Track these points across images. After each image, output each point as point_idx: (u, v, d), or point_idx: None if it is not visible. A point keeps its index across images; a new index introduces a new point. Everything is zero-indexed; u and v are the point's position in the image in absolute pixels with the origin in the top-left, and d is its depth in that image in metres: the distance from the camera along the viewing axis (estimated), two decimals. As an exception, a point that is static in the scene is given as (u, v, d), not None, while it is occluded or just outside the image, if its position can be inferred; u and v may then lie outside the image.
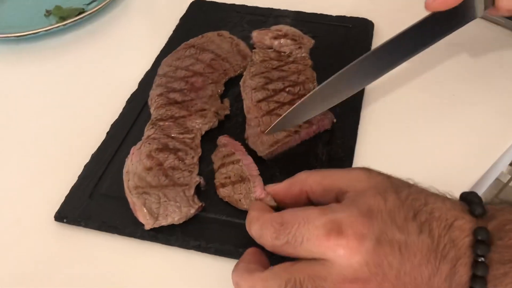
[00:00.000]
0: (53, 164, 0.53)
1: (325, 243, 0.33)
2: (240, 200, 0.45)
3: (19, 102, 0.61)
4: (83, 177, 0.50)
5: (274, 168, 0.49)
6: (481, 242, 0.32)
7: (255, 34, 0.61)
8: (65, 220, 0.47)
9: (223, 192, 0.46)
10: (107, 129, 0.54)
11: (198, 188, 0.47)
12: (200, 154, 0.50)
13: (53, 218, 0.47)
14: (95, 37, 0.69)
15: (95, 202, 0.47)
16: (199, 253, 0.44)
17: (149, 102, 0.55)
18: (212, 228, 0.45)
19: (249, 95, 0.54)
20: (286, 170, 0.48)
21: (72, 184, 0.49)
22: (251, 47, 0.62)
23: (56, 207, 0.47)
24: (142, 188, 0.45)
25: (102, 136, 0.54)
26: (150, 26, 0.72)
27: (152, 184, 0.46)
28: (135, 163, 0.48)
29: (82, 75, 0.64)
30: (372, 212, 0.34)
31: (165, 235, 0.45)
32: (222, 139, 0.50)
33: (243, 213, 0.44)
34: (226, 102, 0.55)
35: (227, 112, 0.54)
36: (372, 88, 0.55)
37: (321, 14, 0.68)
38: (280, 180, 0.43)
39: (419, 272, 0.32)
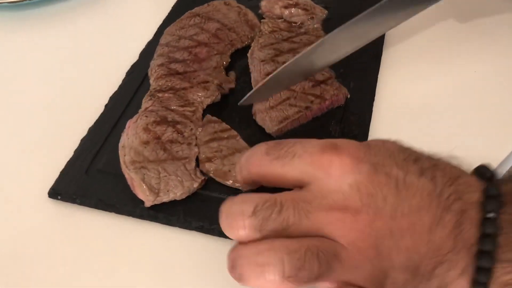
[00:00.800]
0: (47, 137, 0.50)
1: (317, 158, 0.30)
2: (229, 171, 0.42)
3: (12, 72, 0.58)
4: (79, 152, 0.47)
5: (283, 145, 0.46)
6: (491, 197, 0.29)
7: (264, 3, 0.57)
8: (59, 197, 0.44)
9: (208, 166, 0.43)
10: (106, 102, 0.51)
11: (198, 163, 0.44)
12: (200, 126, 0.47)
13: (47, 195, 0.44)
14: (95, 5, 0.65)
15: (92, 179, 0.44)
16: (202, 234, 0.41)
17: (149, 73, 0.52)
18: (216, 208, 0.41)
19: (258, 67, 0.50)
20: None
21: (68, 159, 0.46)
22: (260, 17, 0.58)
23: (50, 183, 0.45)
24: (140, 163, 0.43)
25: (100, 109, 0.51)
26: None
27: (150, 158, 0.43)
28: (131, 137, 0.45)
29: (80, 44, 0.61)
30: (369, 144, 0.31)
31: (165, 214, 0.42)
32: (210, 117, 0.47)
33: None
34: (232, 75, 0.52)
35: (232, 85, 0.51)
36: (389, 61, 0.51)
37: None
38: None
39: (418, 217, 0.29)
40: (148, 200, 0.41)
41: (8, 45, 0.61)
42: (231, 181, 0.42)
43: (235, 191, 0.42)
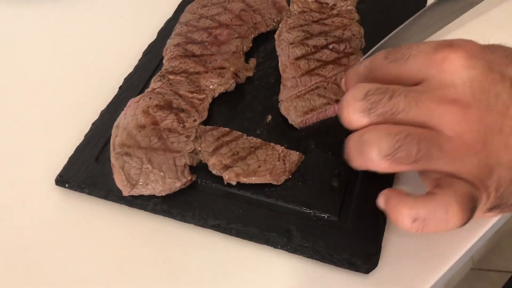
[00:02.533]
0: (57, 120, 0.47)
1: (432, 56, 0.30)
2: (259, 167, 0.39)
3: (21, 49, 0.55)
4: (90, 137, 0.44)
5: (308, 140, 0.42)
6: None
7: (294, -20, 0.53)
8: (67, 185, 0.41)
9: (233, 173, 0.39)
10: (120, 83, 0.48)
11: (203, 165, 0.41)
12: (204, 119, 0.43)
13: (54, 182, 0.41)
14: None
15: (102, 167, 0.41)
16: (218, 233, 0.38)
17: (164, 52, 0.49)
18: (234, 206, 0.38)
19: (286, 50, 0.46)
20: (322, 143, 0.42)
21: (77, 145, 0.43)
22: (289, -4, 0.54)
23: (58, 170, 0.42)
24: (128, 147, 0.40)
25: (114, 91, 0.47)
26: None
27: (141, 144, 0.40)
28: (128, 118, 0.42)
29: (94, 22, 0.57)
30: (487, 44, 0.31)
31: (180, 210, 0.39)
32: (203, 127, 0.43)
33: (273, 191, 0.39)
34: (252, 62, 0.48)
35: (250, 74, 0.47)
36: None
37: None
38: (315, 152, 0.40)
39: None
40: (125, 189, 0.38)
41: (19, 21, 0.58)
42: (265, 177, 0.39)
43: (257, 189, 0.39)
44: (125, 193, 0.39)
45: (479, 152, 0.29)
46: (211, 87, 0.45)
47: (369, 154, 0.30)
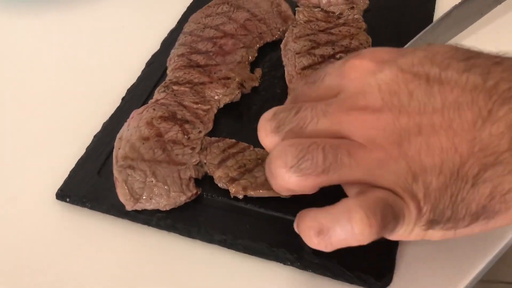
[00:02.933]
0: (58, 133, 0.46)
1: (341, 68, 0.30)
2: (266, 180, 0.37)
3: (23, 59, 0.54)
4: (92, 150, 0.42)
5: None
6: None
7: (299, -10, 0.52)
8: (68, 200, 0.40)
9: (240, 186, 0.37)
10: (123, 95, 0.47)
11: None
12: (209, 130, 0.42)
13: (54, 196, 0.40)
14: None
15: (104, 180, 0.40)
16: (225, 249, 0.37)
17: (168, 62, 0.48)
18: (241, 221, 0.37)
19: (292, 60, 0.45)
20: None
21: (79, 158, 0.42)
22: (294, 5, 0.53)
23: (59, 183, 0.40)
24: (132, 160, 0.38)
25: (117, 103, 0.46)
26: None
27: (145, 157, 0.39)
28: (131, 129, 0.41)
29: (97, 31, 0.56)
30: (407, 49, 0.30)
31: (185, 225, 0.37)
32: (208, 138, 0.41)
33: (283, 205, 0.38)
34: (258, 72, 0.47)
35: (255, 84, 0.46)
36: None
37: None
38: None
39: (457, 113, 0.26)
40: (128, 204, 0.37)
41: (20, 32, 0.57)
42: (272, 190, 0.37)
43: (266, 203, 0.38)
44: (128, 207, 0.37)
45: (397, 158, 0.26)
46: (216, 97, 0.44)
47: (276, 170, 0.28)
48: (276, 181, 0.29)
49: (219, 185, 0.38)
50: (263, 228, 0.36)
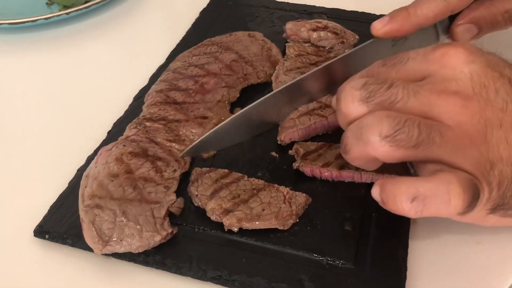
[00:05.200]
0: (41, 166, 0.44)
1: (431, 54, 0.31)
2: (263, 210, 0.36)
3: (9, 96, 0.52)
4: (75, 184, 0.40)
5: (313, 181, 0.39)
6: None
7: (289, 26, 0.52)
8: (47, 236, 0.37)
9: (235, 218, 0.35)
10: (109, 128, 0.45)
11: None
12: (186, 170, 0.40)
13: (32, 234, 0.37)
14: (103, 29, 0.61)
15: (87, 216, 0.37)
16: (219, 286, 0.34)
17: (145, 98, 0.46)
18: (237, 255, 0.34)
19: (285, 91, 0.44)
20: (329, 184, 0.39)
21: (60, 192, 0.39)
22: (283, 41, 0.52)
23: (37, 220, 0.37)
24: (99, 199, 0.35)
25: (103, 136, 0.44)
26: (166, 19, 0.63)
27: (114, 195, 0.36)
28: (99, 166, 0.38)
29: (84, 69, 0.55)
30: (487, 50, 0.32)
31: (175, 261, 0.35)
32: (198, 169, 0.39)
33: (280, 237, 0.35)
34: (237, 111, 0.45)
35: None
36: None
37: (362, 12, 0.59)
38: (322, 194, 0.37)
39: None
40: (96, 248, 0.34)
41: (7, 68, 0.56)
42: (270, 221, 0.35)
43: (261, 236, 0.35)
44: (97, 251, 0.34)
45: (480, 145, 0.29)
46: (190, 137, 0.42)
47: (369, 137, 0.29)
48: (362, 147, 0.29)
49: (211, 218, 0.36)
50: (260, 262, 0.34)
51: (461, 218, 0.30)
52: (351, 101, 0.30)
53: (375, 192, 0.30)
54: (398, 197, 0.28)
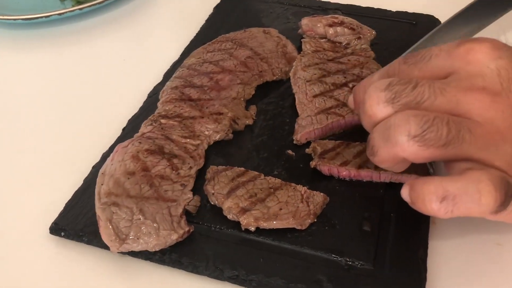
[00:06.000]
0: (56, 163, 0.43)
1: (455, 51, 0.30)
2: (280, 210, 0.35)
3: (24, 92, 0.52)
4: (90, 181, 0.40)
5: (331, 180, 0.38)
6: None
7: (305, 22, 0.51)
8: (63, 234, 0.37)
9: (252, 217, 0.35)
10: (124, 125, 0.45)
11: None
12: (201, 166, 0.39)
13: (48, 231, 0.37)
14: (116, 24, 0.60)
15: (103, 213, 0.37)
16: (236, 286, 0.34)
17: (160, 95, 0.46)
18: (254, 255, 0.34)
19: (303, 88, 0.44)
20: (347, 184, 0.38)
21: (75, 189, 0.39)
22: (298, 37, 0.52)
23: (53, 217, 0.37)
24: (116, 196, 0.35)
25: (118, 133, 0.44)
26: (180, 15, 0.63)
27: (131, 193, 0.35)
28: (115, 164, 0.38)
29: (98, 65, 0.55)
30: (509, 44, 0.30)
31: (191, 260, 0.34)
32: (214, 167, 0.39)
33: (298, 237, 0.35)
34: (252, 109, 0.45)
35: (249, 121, 0.44)
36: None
37: (378, 9, 0.58)
38: (340, 193, 0.37)
39: None
40: (113, 246, 0.33)
41: (21, 64, 0.56)
42: (287, 221, 0.35)
43: (279, 235, 0.35)
44: (114, 250, 0.34)
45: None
46: (206, 133, 0.42)
47: (397, 137, 0.28)
48: (390, 148, 0.29)
49: (228, 216, 0.36)
50: (278, 262, 0.33)
51: (495, 217, 0.29)
52: (376, 103, 0.30)
53: (405, 193, 0.29)
54: (428, 197, 0.28)
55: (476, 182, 0.27)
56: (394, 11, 0.57)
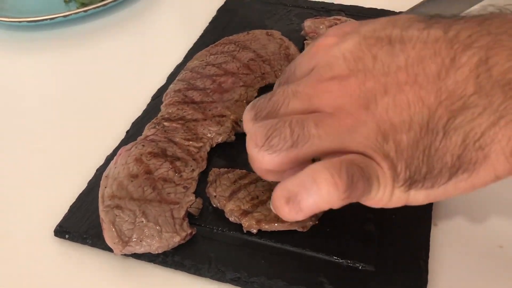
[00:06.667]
0: (60, 166, 0.44)
1: (309, 53, 0.30)
2: None
3: (28, 94, 0.53)
4: (94, 184, 0.40)
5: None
6: None
7: (308, 23, 0.52)
8: (67, 236, 0.37)
9: (254, 220, 0.35)
10: (128, 128, 0.45)
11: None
12: (203, 169, 0.40)
13: (53, 233, 0.37)
14: (120, 26, 0.61)
15: (107, 216, 0.37)
16: (238, 288, 0.34)
17: (163, 98, 0.46)
18: (256, 257, 0.34)
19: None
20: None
21: (80, 192, 0.40)
22: (301, 39, 0.52)
23: (58, 219, 0.38)
24: (119, 199, 0.36)
25: (121, 136, 0.44)
26: (184, 17, 0.63)
27: (134, 195, 0.36)
28: (118, 167, 0.38)
29: (102, 67, 0.55)
30: (368, 21, 0.30)
31: (194, 262, 0.34)
32: (216, 170, 0.39)
33: (300, 239, 0.35)
34: None
35: None
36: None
37: (381, 10, 0.58)
38: None
39: (420, 67, 0.26)
40: (116, 248, 0.34)
41: (25, 67, 0.57)
42: (288, 223, 0.35)
43: (281, 237, 0.35)
44: (117, 252, 0.34)
45: (365, 120, 0.26)
46: (208, 135, 0.42)
47: (250, 152, 0.28)
48: (253, 164, 0.29)
49: (230, 219, 0.36)
50: (280, 264, 0.34)
51: (372, 203, 0.28)
52: (246, 124, 0.30)
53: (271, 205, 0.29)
54: (278, 202, 0.27)
55: (311, 173, 0.26)
56: (397, 11, 0.57)
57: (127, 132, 0.45)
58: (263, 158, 0.28)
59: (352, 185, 0.26)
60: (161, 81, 0.50)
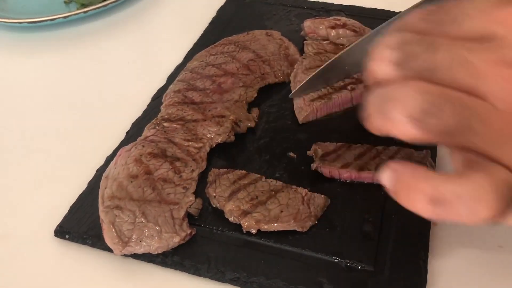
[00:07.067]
0: (60, 166, 0.44)
1: (494, 13, 0.23)
2: (281, 212, 0.35)
3: (28, 95, 0.53)
4: (94, 184, 0.40)
5: (333, 182, 0.39)
6: None
7: (307, 24, 0.52)
8: (67, 237, 0.37)
9: (253, 220, 0.35)
10: (128, 128, 0.45)
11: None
12: (203, 169, 0.40)
13: (53, 234, 0.38)
14: (120, 27, 0.61)
15: (107, 216, 0.37)
16: (238, 288, 0.34)
17: (163, 98, 0.46)
18: (255, 257, 0.34)
19: (302, 91, 0.44)
20: (348, 186, 0.39)
21: (80, 192, 0.40)
22: (301, 39, 0.52)
23: (58, 220, 0.38)
24: (119, 200, 0.36)
25: (122, 136, 0.44)
26: (183, 18, 0.63)
27: (133, 196, 0.36)
28: (118, 167, 0.38)
29: (103, 68, 0.56)
30: None
31: (193, 262, 0.35)
32: (216, 170, 0.39)
33: (299, 239, 0.35)
34: (255, 112, 0.45)
35: (251, 124, 0.44)
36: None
37: (381, 10, 0.58)
38: (341, 195, 0.37)
39: None
40: (116, 248, 0.34)
41: (26, 67, 0.57)
42: (288, 223, 0.35)
43: (280, 238, 0.35)
44: (117, 252, 0.34)
45: None
46: (208, 135, 0.42)
47: (394, 114, 0.23)
48: (383, 122, 0.24)
49: (230, 219, 0.36)
50: (279, 264, 0.34)
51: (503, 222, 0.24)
52: (381, 61, 0.24)
53: (386, 177, 0.24)
54: (414, 193, 0.23)
55: (476, 188, 0.22)
56: (397, 11, 0.57)
57: (127, 132, 0.45)
58: (407, 130, 0.23)
59: (503, 212, 0.23)
60: (161, 81, 0.50)
